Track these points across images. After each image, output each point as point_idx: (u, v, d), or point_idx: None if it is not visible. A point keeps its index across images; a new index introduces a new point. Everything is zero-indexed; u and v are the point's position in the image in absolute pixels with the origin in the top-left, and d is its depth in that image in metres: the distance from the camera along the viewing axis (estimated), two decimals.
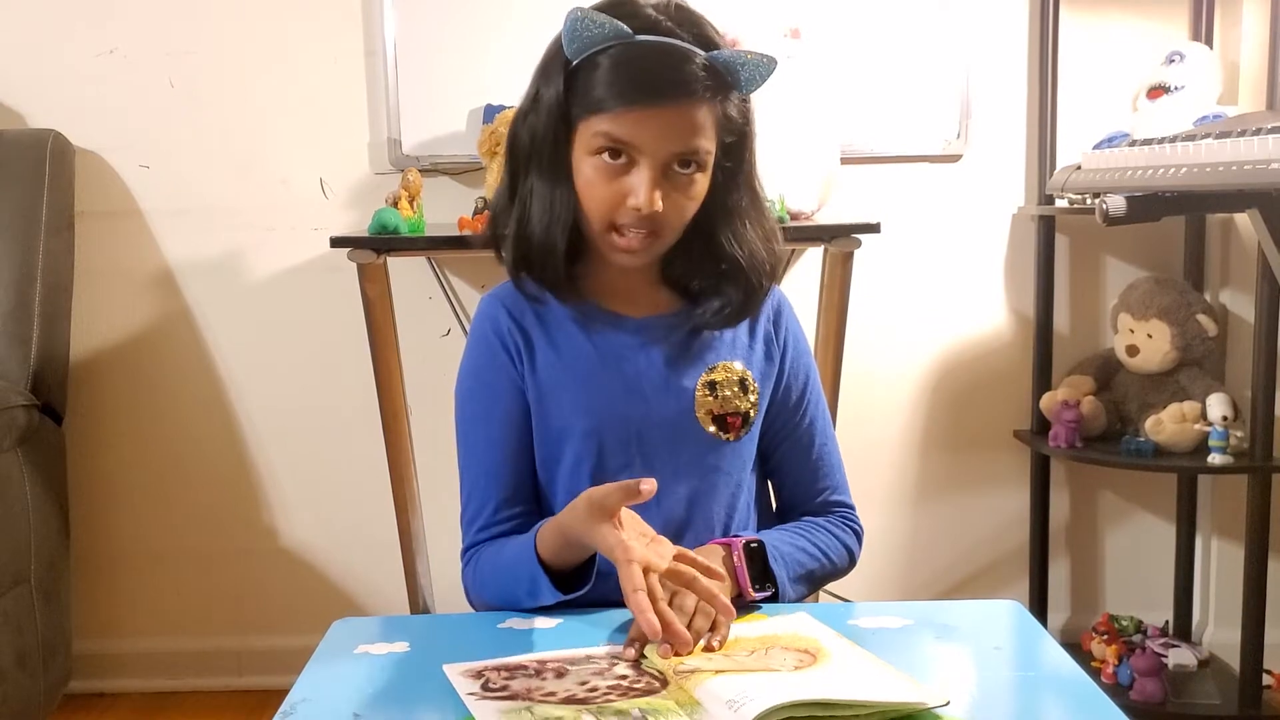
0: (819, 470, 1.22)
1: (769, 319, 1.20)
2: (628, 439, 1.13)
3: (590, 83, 1.04)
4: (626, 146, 1.04)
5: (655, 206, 1.04)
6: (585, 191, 1.08)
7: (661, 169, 1.05)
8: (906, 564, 2.33)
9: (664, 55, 1.03)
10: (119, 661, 2.29)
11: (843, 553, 1.18)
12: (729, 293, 1.14)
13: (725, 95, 1.06)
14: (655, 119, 1.03)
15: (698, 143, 1.05)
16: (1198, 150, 1.41)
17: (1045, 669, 0.95)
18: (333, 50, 2.15)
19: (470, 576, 1.14)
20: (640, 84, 1.02)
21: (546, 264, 1.11)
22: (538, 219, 1.10)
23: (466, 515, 1.16)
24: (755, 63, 1.05)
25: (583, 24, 1.03)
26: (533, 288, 1.14)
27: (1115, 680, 2.05)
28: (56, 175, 2.04)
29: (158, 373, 2.24)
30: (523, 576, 1.05)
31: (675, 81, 1.02)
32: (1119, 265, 2.23)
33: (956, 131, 2.17)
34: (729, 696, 0.81)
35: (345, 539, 2.28)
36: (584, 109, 1.05)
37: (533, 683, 0.87)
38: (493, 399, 1.15)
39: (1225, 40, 2.14)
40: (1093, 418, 2.09)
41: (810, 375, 1.23)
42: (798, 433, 1.21)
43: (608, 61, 1.03)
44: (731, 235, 1.12)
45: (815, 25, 2.01)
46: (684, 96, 1.03)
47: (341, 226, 2.15)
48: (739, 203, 1.13)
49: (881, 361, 2.24)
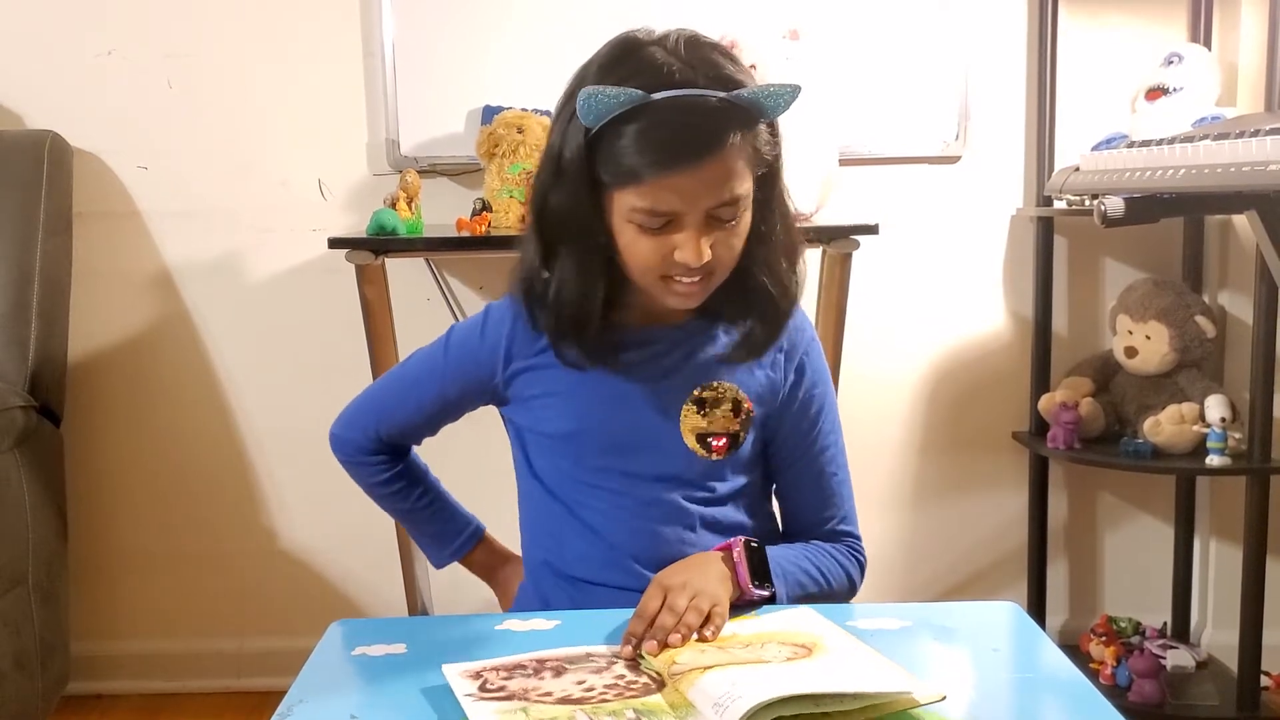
0: (828, 499, 1.21)
1: (780, 347, 1.17)
2: (607, 446, 1.13)
3: (616, 153, 1.00)
4: (666, 214, 1.01)
5: (705, 259, 1.02)
6: (630, 252, 1.05)
7: (705, 223, 1.03)
8: (905, 565, 2.32)
9: (688, 113, 0.99)
10: (117, 663, 2.29)
11: (843, 579, 1.18)
12: (754, 320, 1.12)
13: (753, 129, 1.03)
14: (691, 180, 0.99)
15: (736, 191, 1.02)
16: (1196, 152, 1.41)
17: (1043, 670, 0.95)
18: (331, 51, 2.14)
19: (336, 448, 1.31)
20: (670, 150, 0.99)
21: (583, 334, 1.09)
22: (572, 291, 1.07)
23: (356, 412, 1.29)
24: (778, 93, 1.01)
25: (596, 100, 0.98)
26: (572, 356, 1.11)
27: (1113, 682, 2.05)
28: (54, 176, 2.04)
29: (156, 374, 2.24)
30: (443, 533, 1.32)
31: (704, 139, 0.99)
32: (1117, 267, 2.23)
33: (955, 133, 2.17)
34: (717, 697, 0.81)
35: (343, 540, 2.28)
36: (615, 180, 1.02)
37: (530, 682, 0.87)
38: (441, 376, 1.20)
39: (1224, 42, 2.14)
40: (1091, 419, 2.09)
41: (825, 404, 1.20)
42: (806, 459, 1.20)
43: (631, 130, 0.99)
44: (761, 262, 1.10)
45: (814, 26, 2.00)
46: (715, 150, 0.99)
47: (340, 228, 2.15)
48: (772, 230, 1.10)
49: (880, 363, 2.24)
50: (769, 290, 1.11)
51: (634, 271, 1.07)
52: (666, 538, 1.13)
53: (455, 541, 1.33)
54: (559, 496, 1.17)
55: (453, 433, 1.27)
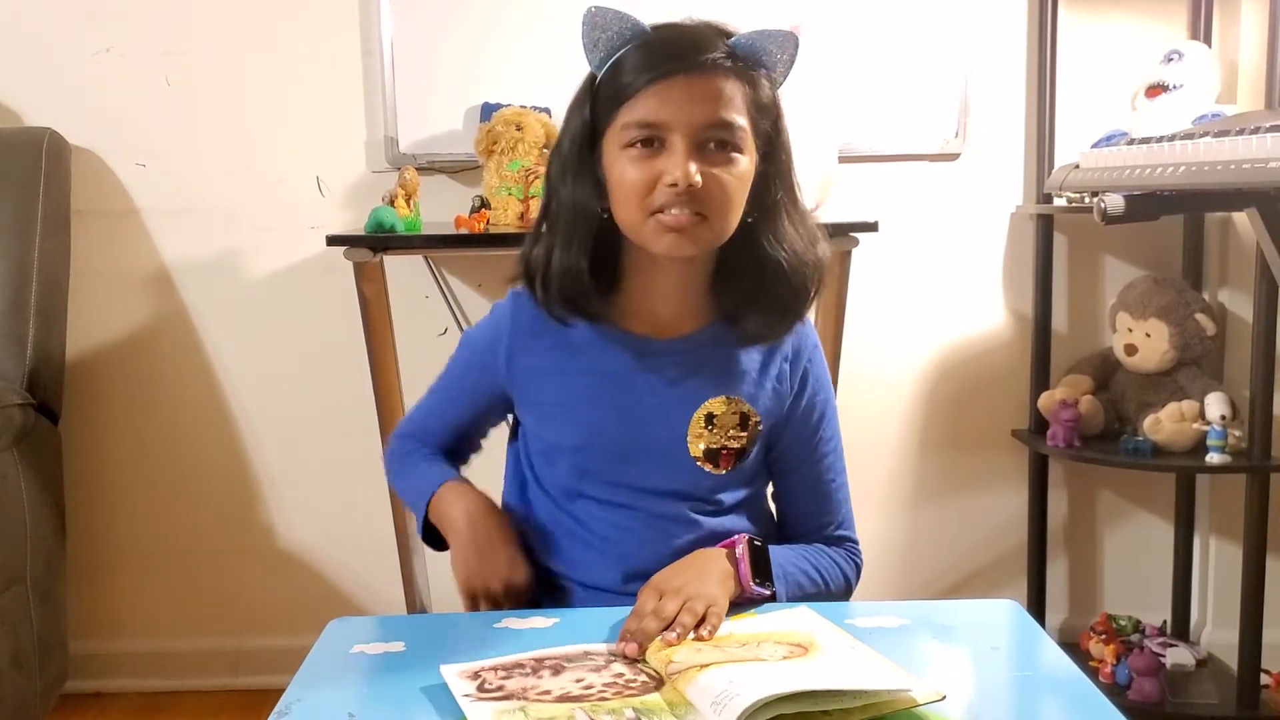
0: (827, 505, 1.21)
1: (786, 356, 1.17)
2: (615, 457, 1.13)
3: (615, 77, 1.05)
4: (656, 128, 1.02)
5: (692, 180, 1.01)
6: (622, 187, 1.05)
7: (695, 143, 1.03)
8: (904, 564, 2.32)
9: (686, 32, 1.05)
10: (115, 661, 2.29)
11: (841, 582, 1.18)
12: (773, 298, 1.11)
13: (752, 78, 1.06)
14: (681, 89, 1.02)
15: (729, 114, 1.03)
16: (1196, 149, 1.41)
17: (1043, 669, 0.94)
18: (329, 49, 2.14)
19: (390, 458, 1.30)
20: (663, 57, 1.03)
21: (572, 283, 1.09)
22: (563, 238, 1.09)
23: (412, 417, 1.31)
24: (776, 41, 1.05)
25: (599, 23, 1.04)
26: (560, 311, 1.12)
27: (1113, 680, 2.05)
28: (53, 174, 2.04)
29: (154, 372, 2.24)
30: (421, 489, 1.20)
31: (696, 50, 1.03)
32: (1117, 264, 2.23)
33: (955, 130, 2.16)
34: (714, 695, 0.80)
35: (341, 538, 2.28)
36: (612, 105, 1.05)
37: (528, 681, 0.87)
38: (467, 371, 1.23)
39: (1224, 39, 2.14)
40: (1091, 417, 2.09)
41: (827, 411, 1.20)
42: (807, 466, 1.20)
43: (630, 53, 1.05)
44: (773, 235, 1.09)
45: (814, 23, 2.00)
46: (709, 64, 1.02)
47: (338, 225, 2.15)
48: (779, 201, 1.10)
49: (879, 361, 2.24)
50: (784, 264, 1.09)
51: (626, 212, 1.06)
52: (673, 549, 1.13)
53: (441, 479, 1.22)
54: (564, 507, 1.17)
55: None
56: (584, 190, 1.08)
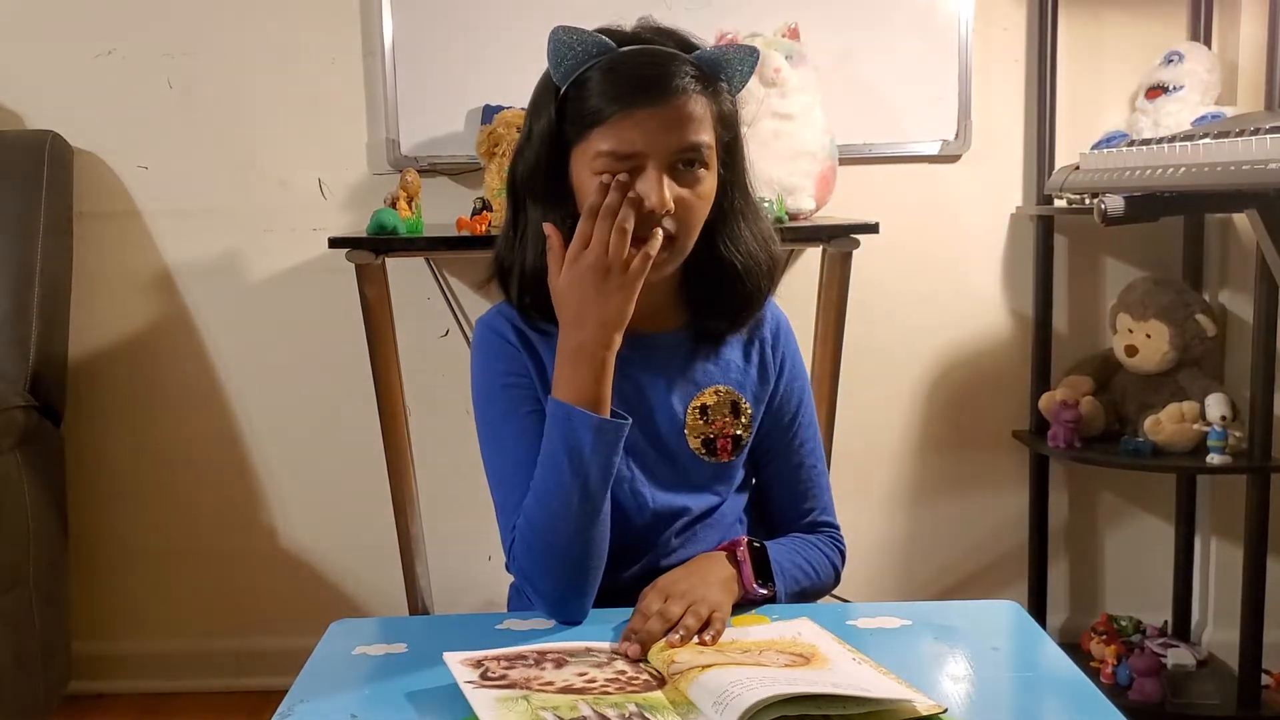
0: (807, 490, 1.22)
1: (766, 341, 1.20)
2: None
3: (583, 98, 1.05)
4: (630, 157, 1.03)
5: (668, 205, 1.03)
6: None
7: (668, 169, 1.04)
8: (905, 564, 2.33)
9: (651, 56, 1.05)
10: (118, 662, 2.29)
11: (829, 570, 1.20)
12: (728, 298, 1.14)
13: (716, 92, 1.07)
14: (653, 119, 1.03)
15: (699, 137, 1.05)
16: (1196, 150, 1.41)
17: (1044, 669, 0.95)
18: (331, 51, 2.15)
19: (517, 551, 1.07)
20: (633, 85, 1.03)
21: (546, 290, 1.08)
22: (535, 247, 1.09)
23: (505, 511, 1.10)
24: (738, 56, 1.07)
25: (565, 41, 1.04)
26: (536, 316, 1.12)
27: (1114, 680, 2.05)
28: (55, 176, 2.04)
29: (156, 373, 2.24)
30: (558, 450, 1.02)
31: (666, 79, 1.03)
32: (1118, 265, 2.23)
33: (955, 132, 2.17)
34: (717, 695, 0.81)
35: (344, 540, 2.28)
36: (580, 127, 1.05)
37: (531, 672, 0.88)
38: (515, 396, 1.12)
39: (1224, 40, 2.14)
40: (1091, 418, 2.09)
41: (804, 397, 1.23)
42: (788, 453, 1.22)
43: (596, 74, 1.04)
44: (729, 238, 1.12)
45: (814, 24, 2.00)
46: (678, 91, 1.03)
47: (340, 227, 2.15)
48: (734, 205, 1.13)
49: (880, 362, 2.24)
50: (738, 266, 1.12)
51: None
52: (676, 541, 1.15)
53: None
54: None
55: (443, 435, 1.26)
56: (553, 200, 1.09)
